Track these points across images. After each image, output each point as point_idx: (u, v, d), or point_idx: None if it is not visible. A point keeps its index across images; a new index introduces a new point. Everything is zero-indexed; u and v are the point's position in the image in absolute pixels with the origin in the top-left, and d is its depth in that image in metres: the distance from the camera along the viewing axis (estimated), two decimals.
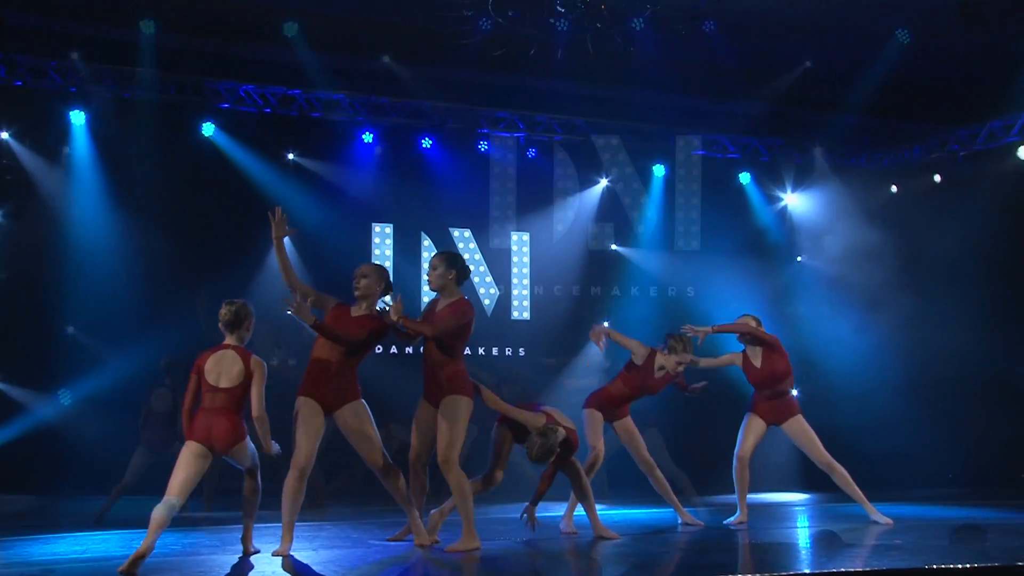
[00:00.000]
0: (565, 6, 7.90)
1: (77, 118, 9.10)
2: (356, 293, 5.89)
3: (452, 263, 5.99)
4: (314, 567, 5.26)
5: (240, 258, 9.45)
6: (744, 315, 7.57)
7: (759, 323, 7.48)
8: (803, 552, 6.14)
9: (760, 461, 10.25)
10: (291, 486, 5.53)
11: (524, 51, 8.52)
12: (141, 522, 5.23)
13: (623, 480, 9.11)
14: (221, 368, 5.39)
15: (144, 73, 9.24)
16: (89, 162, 9.08)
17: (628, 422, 7.11)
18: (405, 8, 9.03)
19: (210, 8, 9.24)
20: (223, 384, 5.36)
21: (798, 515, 8.62)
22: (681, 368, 6.88)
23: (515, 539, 6.54)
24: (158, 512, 5.11)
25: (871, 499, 7.38)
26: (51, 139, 9.03)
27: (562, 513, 6.92)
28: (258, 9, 9.30)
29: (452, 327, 5.79)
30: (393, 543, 6.14)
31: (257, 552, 5.63)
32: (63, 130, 9.07)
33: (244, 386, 5.40)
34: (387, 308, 5.80)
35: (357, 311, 5.86)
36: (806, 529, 7.60)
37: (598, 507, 6.54)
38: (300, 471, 5.51)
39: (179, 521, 5.75)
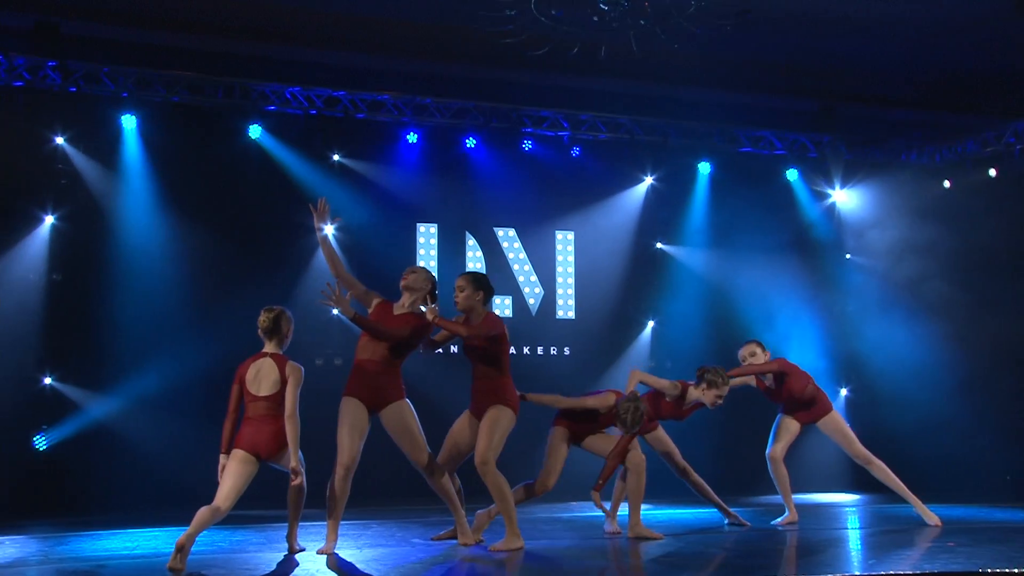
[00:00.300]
0: (608, 3, 7.82)
1: (128, 122, 9.25)
2: (402, 283, 5.94)
3: (479, 284, 6.06)
4: (357, 565, 5.31)
5: (286, 259, 9.56)
6: (748, 342, 7.55)
7: (762, 348, 7.48)
8: (851, 553, 6.05)
9: (808, 461, 10.21)
10: (336, 485, 5.59)
11: (567, 50, 8.47)
12: (187, 520, 5.32)
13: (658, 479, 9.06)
14: (260, 376, 5.51)
15: (192, 77, 9.38)
16: (140, 166, 9.22)
17: (660, 432, 7.09)
18: (447, 8, 9.05)
19: (256, 11, 9.35)
20: (263, 392, 5.48)
21: (848, 516, 8.51)
22: (720, 401, 6.71)
23: (560, 539, 6.53)
24: (203, 513, 5.22)
25: (924, 501, 7.26)
26: (104, 144, 9.18)
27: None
28: (302, 11, 9.38)
29: (484, 333, 5.83)
30: (437, 542, 6.17)
31: (302, 550, 5.70)
32: (115, 135, 9.22)
33: (283, 392, 5.48)
34: (424, 309, 5.87)
35: (399, 308, 5.90)
36: (856, 530, 7.49)
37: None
38: (345, 470, 5.58)
39: (228, 518, 5.82)
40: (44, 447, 8.59)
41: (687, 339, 10.45)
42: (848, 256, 11.28)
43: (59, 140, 9.03)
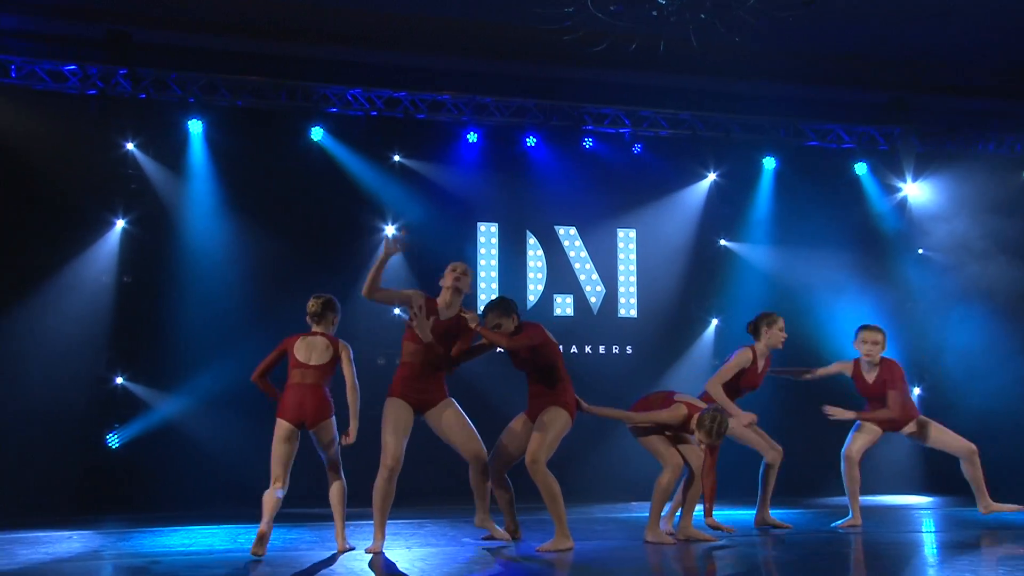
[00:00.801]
0: None
1: (194, 127, 9.46)
2: (456, 284, 5.92)
3: (507, 310, 6.03)
4: (400, 565, 5.33)
5: (347, 259, 9.67)
6: (870, 328, 7.32)
7: (885, 337, 7.30)
8: (918, 559, 5.86)
9: (876, 462, 9.93)
10: (380, 486, 5.64)
11: (625, 46, 8.38)
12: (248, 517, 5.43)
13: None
14: (311, 348, 5.72)
15: (255, 81, 9.55)
16: (205, 169, 9.42)
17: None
18: (506, 6, 9.02)
19: (317, 15, 9.46)
20: (313, 361, 5.65)
21: (919, 519, 8.26)
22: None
23: (612, 539, 6.48)
24: (268, 497, 5.38)
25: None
26: (171, 148, 9.40)
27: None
28: (363, 14, 9.47)
29: (526, 344, 5.81)
30: (487, 542, 6.17)
31: (351, 549, 5.75)
32: (182, 139, 9.44)
33: (332, 363, 5.83)
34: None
35: (446, 313, 5.89)
36: (927, 534, 7.27)
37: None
38: (389, 470, 5.62)
39: (283, 517, 5.94)
40: (116, 445, 8.83)
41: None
42: (920, 251, 10.94)
43: (129, 146, 9.29)
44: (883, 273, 10.81)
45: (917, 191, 10.94)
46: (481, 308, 6.57)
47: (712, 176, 10.77)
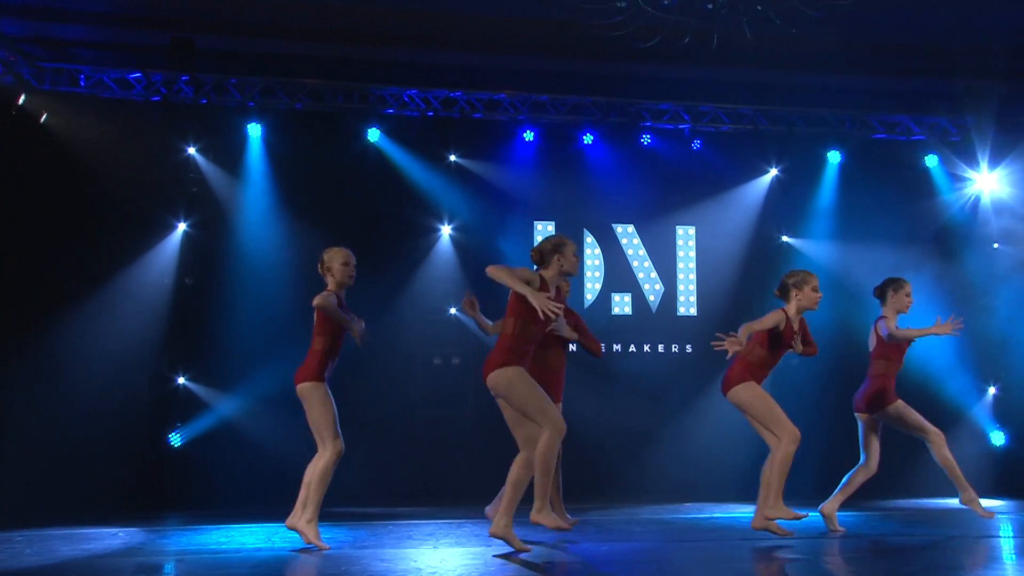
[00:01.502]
0: None
1: (254, 131, 9.61)
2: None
3: None
4: (419, 563, 5.29)
5: (402, 258, 9.73)
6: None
7: None
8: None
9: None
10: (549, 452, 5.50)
11: (677, 40, 8.24)
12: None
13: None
14: None
15: (313, 84, 9.65)
16: (264, 172, 9.58)
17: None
18: (558, 4, 8.93)
19: (373, 16, 9.51)
20: None
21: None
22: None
23: (648, 540, 6.36)
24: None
25: None
26: (231, 152, 9.57)
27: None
28: (418, 14, 9.48)
29: None
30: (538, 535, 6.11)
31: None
32: (242, 143, 9.60)
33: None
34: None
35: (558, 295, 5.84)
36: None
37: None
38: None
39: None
40: (178, 444, 9.02)
41: (814, 335, 9.96)
42: (996, 246, 10.52)
43: (191, 150, 9.48)
44: (957, 269, 10.43)
45: (992, 183, 10.51)
46: None
47: (774, 171, 10.53)
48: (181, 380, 9.16)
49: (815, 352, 6.80)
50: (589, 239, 10.28)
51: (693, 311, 10.41)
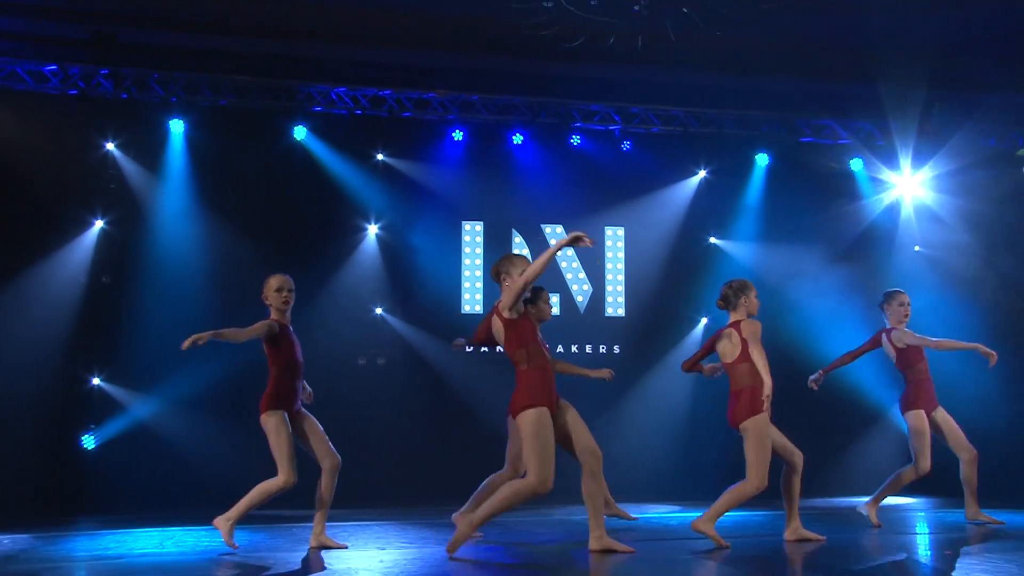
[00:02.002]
0: None
1: (176, 127, 9.42)
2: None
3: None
4: (366, 565, 5.20)
5: (326, 257, 9.61)
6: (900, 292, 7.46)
7: None
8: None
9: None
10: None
11: (602, 41, 8.24)
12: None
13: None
14: None
15: (238, 81, 9.48)
16: (186, 170, 9.39)
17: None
18: (485, 2, 8.87)
19: (302, 13, 9.38)
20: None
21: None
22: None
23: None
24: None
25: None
26: (152, 148, 9.37)
27: None
28: (348, 12, 9.37)
29: None
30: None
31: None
32: (164, 139, 9.40)
33: None
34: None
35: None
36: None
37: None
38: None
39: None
40: (92, 446, 8.81)
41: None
42: (917, 248, 10.71)
43: (110, 146, 9.28)
44: (879, 271, 10.59)
45: (915, 187, 10.68)
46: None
47: (702, 173, 10.60)
48: (96, 381, 8.96)
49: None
50: (518, 239, 10.24)
51: (621, 312, 10.43)
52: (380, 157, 9.93)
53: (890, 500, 9.48)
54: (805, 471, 7.03)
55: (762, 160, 10.64)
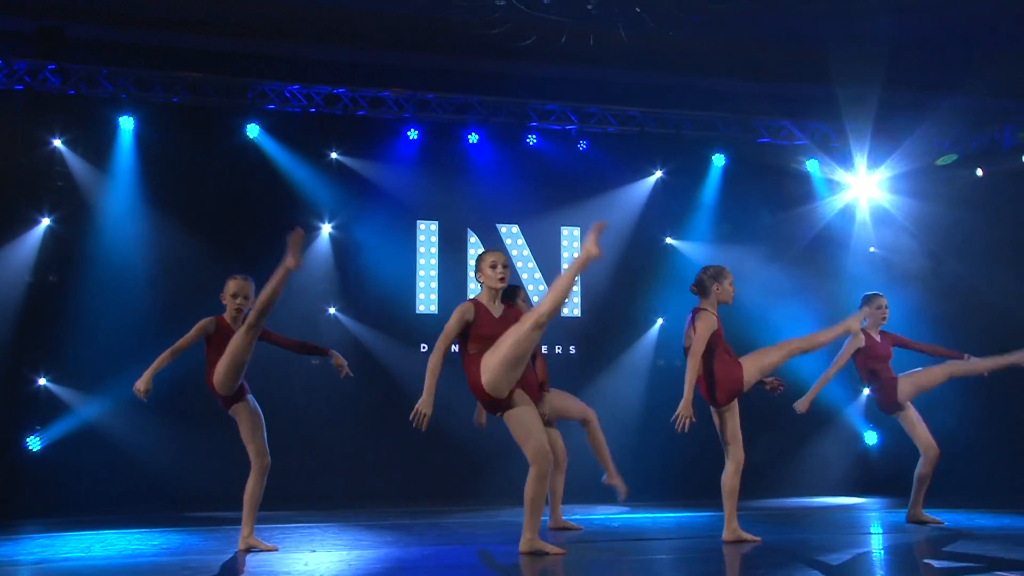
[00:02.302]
0: None
1: (126, 124, 9.29)
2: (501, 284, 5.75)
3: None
4: (293, 568, 5.14)
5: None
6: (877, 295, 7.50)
7: None
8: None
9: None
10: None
11: (555, 40, 8.21)
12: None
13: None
14: None
15: (191, 77, 9.37)
16: (136, 167, 9.27)
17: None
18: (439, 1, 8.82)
19: (257, 9, 9.28)
20: None
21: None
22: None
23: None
24: None
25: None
26: (101, 146, 9.24)
27: None
28: (304, 9, 9.29)
29: None
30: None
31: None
32: (113, 136, 9.28)
33: None
34: None
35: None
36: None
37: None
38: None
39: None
40: (37, 448, 8.67)
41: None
42: (872, 249, 10.76)
43: (57, 142, 9.13)
44: (835, 271, 10.65)
45: (869, 187, 10.73)
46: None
47: (659, 173, 10.60)
48: (42, 381, 8.82)
49: None
50: (473, 239, 10.19)
51: (577, 312, 10.41)
52: (334, 156, 9.84)
53: (844, 500, 9.59)
54: (754, 472, 7.09)
55: (719, 160, 10.66)
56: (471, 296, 6.14)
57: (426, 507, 8.48)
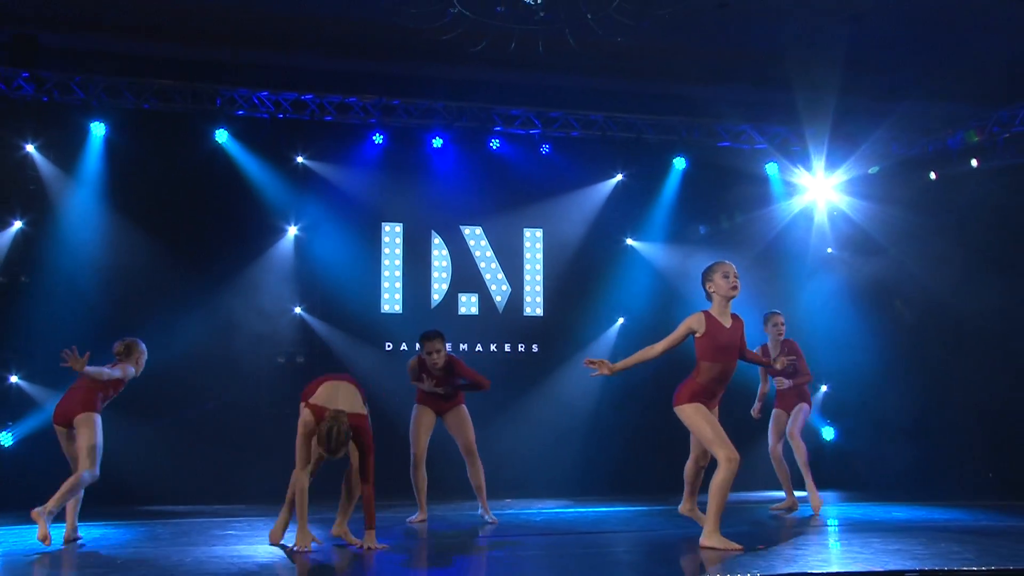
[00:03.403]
0: None
1: (97, 130, 9.56)
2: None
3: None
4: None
5: (246, 257, 9.79)
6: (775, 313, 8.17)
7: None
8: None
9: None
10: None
11: (504, 45, 8.43)
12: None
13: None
14: None
15: (161, 84, 9.65)
16: (106, 172, 9.51)
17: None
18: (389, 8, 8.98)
19: (225, 17, 9.53)
20: None
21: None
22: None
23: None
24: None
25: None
26: (72, 151, 9.51)
27: None
28: (272, 17, 9.53)
29: None
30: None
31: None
32: (84, 142, 9.54)
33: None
34: None
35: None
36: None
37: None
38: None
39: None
40: (9, 443, 8.94)
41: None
42: (829, 250, 10.97)
43: (29, 148, 9.41)
44: (794, 272, 10.86)
45: (827, 190, 10.94)
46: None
47: (620, 176, 10.83)
48: (14, 379, 9.10)
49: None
50: (436, 240, 10.44)
51: (539, 311, 10.64)
52: (300, 160, 10.10)
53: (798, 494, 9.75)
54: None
55: (680, 164, 10.87)
56: None
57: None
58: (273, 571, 5.30)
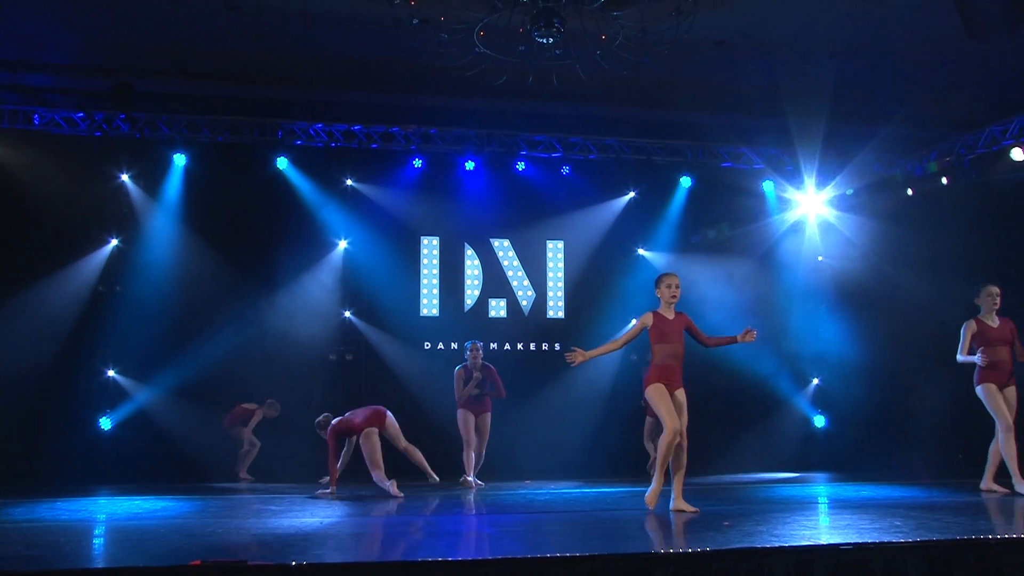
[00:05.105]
0: (542, 37, 8.92)
1: (179, 160, 11.15)
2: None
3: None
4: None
5: (302, 268, 11.27)
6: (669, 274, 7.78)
7: None
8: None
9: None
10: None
11: (522, 79, 9.66)
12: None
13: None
14: None
15: (232, 120, 11.21)
16: (185, 196, 11.08)
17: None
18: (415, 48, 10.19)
19: (284, 61, 11.00)
20: None
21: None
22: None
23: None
24: None
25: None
26: (157, 179, 11.11)
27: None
28: (324, 60, 10.94)
29: None
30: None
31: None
32: (166, 171, 11.13)
33: None
34: None
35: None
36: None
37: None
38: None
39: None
40: (108, 427, 10.57)
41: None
42: (820, 258, 12.17)
43: (124, 177, 11.05)
44: (785, 278, 12.07)
45: (817, 205, 12.14)
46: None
47: (632, 194, 12.15)
48: (111, 373, 10.75)
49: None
50: (469, 251, 11.86)
51: (561, 314, 12.01)
52: (349, 183, 11.59)
53: (791, 475, 10.88)
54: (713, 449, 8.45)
55: (685, 182, 12.17)
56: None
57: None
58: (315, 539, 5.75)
